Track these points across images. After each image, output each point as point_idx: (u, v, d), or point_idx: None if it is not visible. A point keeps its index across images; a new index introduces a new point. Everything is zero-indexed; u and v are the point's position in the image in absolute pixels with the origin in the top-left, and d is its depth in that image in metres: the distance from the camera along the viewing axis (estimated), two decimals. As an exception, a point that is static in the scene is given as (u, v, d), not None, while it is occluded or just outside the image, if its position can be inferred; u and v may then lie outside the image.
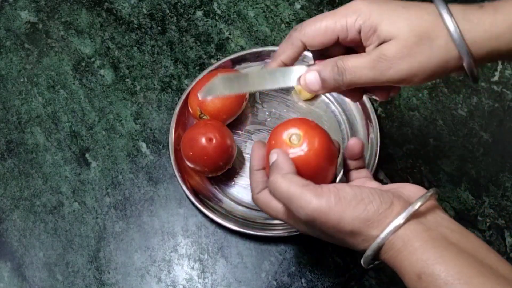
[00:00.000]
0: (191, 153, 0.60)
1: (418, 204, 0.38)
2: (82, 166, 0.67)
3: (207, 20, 0.76)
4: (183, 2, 0.77)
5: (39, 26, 0.77)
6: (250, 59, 0.70)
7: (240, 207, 0.63)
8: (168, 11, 0.77)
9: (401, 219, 0.38)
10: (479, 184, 0.63)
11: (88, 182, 0.66)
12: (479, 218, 0.61)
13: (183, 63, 0.73)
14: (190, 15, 0.76)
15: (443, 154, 0.64)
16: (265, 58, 0.70)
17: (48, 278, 0.62)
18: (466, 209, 0.61)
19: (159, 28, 0.76)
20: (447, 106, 0.67)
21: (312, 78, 0.44)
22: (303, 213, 0.39)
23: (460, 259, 0.36)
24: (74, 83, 0.73)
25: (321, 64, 0.44)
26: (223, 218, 0.61)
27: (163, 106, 0.70)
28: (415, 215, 0.38)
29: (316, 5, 0.75)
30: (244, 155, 0.66)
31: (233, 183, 0.65)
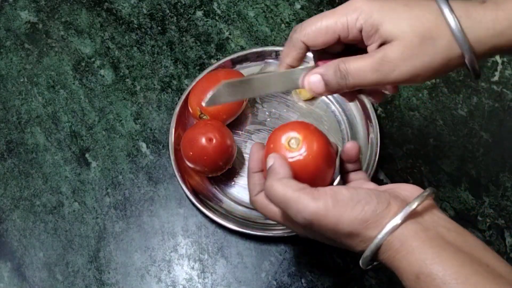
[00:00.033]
0: (191, 153, 0.60)
1: (415, 203, 0.38)
2: (82, 166, 0.67)
3: (207, 20, 0.76)
4: (183, 2, 0.77)
5: (39, 26, 0.77)
6: (250, 59, 0.70)
7: (240, 207, 0.63)
8: (168, 11, 0.77)
9: (398, 219, 0.38)
10: (479, 184, 0.62)
11: (88, 182, 0.66)
12: (479, 218, 0.61)
13: (183, 63, 0.73)
14: (190, 15, 0.76)
15: (443, 154, 0.64)
16: (265, 58, 0.70)
17: (48, 278, 0.62)
18: (466, 209, 0.61)
19: (159, 28, 0.76)
20: (447, 106, 0.67)
21: (316, 81, 0.44)
22: (301, 217, 0.39)
23: (457, 259, 0.36)
24: (74, 83, 0.73)
25: (324, 67, 0.44)
26: (223, 218, 0.61)
27: (163, 106, 0.70)
28: (412, 214, 0.38)
29: (316, 5, 0.75)
30: (244, 155, 0.66)
31: (233, 183, 0.65)
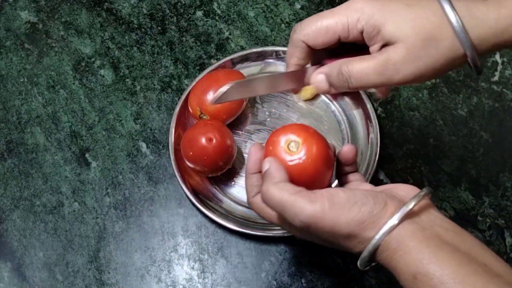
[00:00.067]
0: (191, 153, 0.60)
1: (412, 203, 0.38)
2: (82, 166, 0.67)
3: (207, 20, 0.76)
4: (183, 2, 0.77)
5: (39, 26, 0.77)
6: (250, 59, 0.70)
7: (240, 207, 0.63)
8: (168, 11, 0.77)
9: (395, 219, 0.38)
10: (479, 184, 0.62)
11: (88, 182, 0.66)
12: (479, 218, 0.61)
13: (183, 63, 0.73)
14: (190, 15, 0.76)
15: (443, 154, 0.64)
16: (265, 58, 0.70)
17: (48, 278, 0.62)
18: (466, 209, 0.61)
19: (159, 28, 0.76)
20: (447, 106, 0.67)
21: (321, 80, 0.45)
22: (298, 220, 0.39)
23: (454, 258, 0.36)
24: (74, 83, 0.73)
25: (328, 66, 0.44)
26: (223, 218, 0.61)
27: (163, 106, 0.70)
28: (409, 214, 0.38)
29: (316, 5, 0.75)
30: (244, 155, 0.66)
31: (233, 183, 0.65)
